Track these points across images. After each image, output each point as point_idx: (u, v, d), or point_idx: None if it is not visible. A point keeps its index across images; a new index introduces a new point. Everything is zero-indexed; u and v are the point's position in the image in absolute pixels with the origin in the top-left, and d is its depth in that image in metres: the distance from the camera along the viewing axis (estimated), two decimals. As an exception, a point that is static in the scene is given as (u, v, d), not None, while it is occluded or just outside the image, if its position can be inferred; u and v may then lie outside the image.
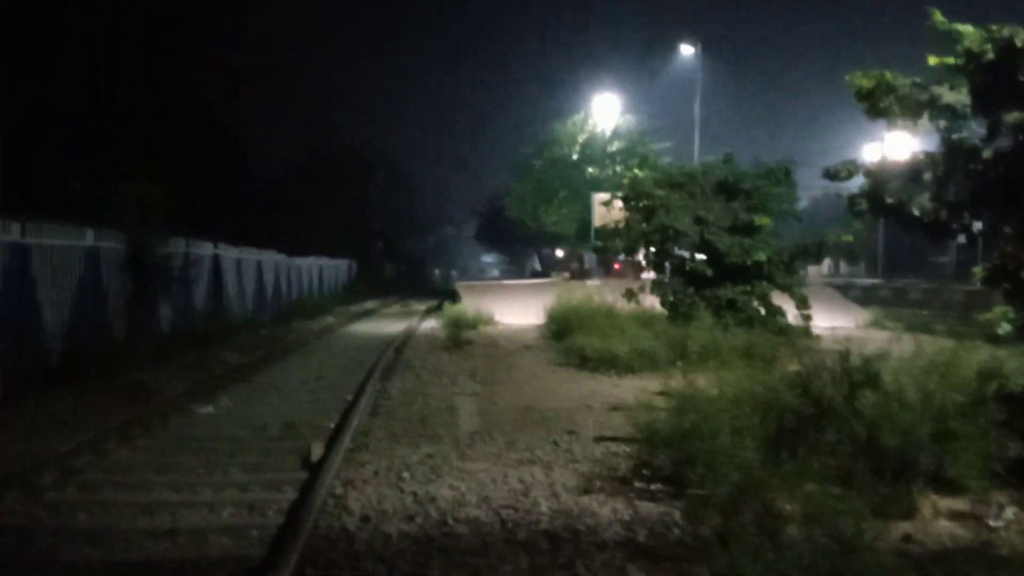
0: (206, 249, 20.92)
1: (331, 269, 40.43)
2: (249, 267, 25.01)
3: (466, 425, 9.14)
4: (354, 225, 56.25)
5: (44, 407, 10.26)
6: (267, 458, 8.03)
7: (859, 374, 7.11)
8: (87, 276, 14.23)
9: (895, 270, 59.47)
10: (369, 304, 36.68)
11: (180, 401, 10.84)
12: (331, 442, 8.21)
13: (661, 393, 10.46)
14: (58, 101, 24.99)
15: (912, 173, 7.86)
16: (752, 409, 6.46)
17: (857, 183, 8.95)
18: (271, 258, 27.97)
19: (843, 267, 69.84)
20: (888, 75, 7.69)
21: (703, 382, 7.65)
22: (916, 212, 7.73)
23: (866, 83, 7.78)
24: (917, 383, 6.82)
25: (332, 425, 9.37)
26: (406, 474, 7.02)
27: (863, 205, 8.08)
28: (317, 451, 7.80)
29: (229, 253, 22.87)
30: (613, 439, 8.11)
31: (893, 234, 53.04)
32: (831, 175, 8.44)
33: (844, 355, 7.48)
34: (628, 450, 7.52)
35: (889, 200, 7.88)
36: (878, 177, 8.08)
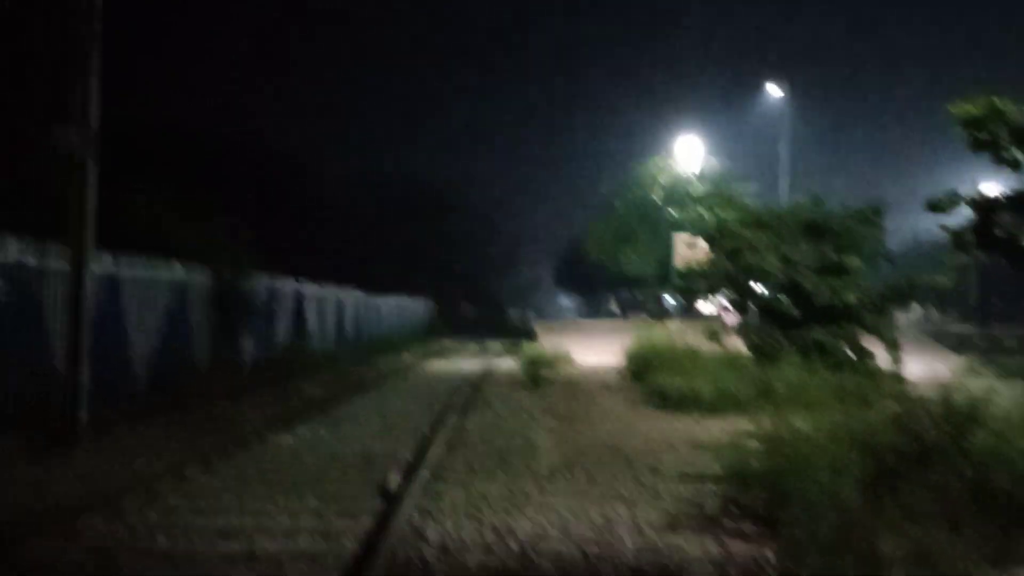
0: (289, 285, 21.23)
1: (410, 308, 40.74)
2: (330, 304, 25.32)
3: (545, 460, 8.93)
4: (433, 265, 56.78)
5: (130, 434, 10.41)
6: (344, 487, 7.93)
7: (963, 414, 6.71)
8: (174, 308, 14.51)
9: (989, 318, 57.24)
10: (447, 343, 36.78)
11: (260, 431, 10.88)
12: (409, 473, 8.09)
13: (748, 433, 10.12)
14: (152, 140, 25.79)
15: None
16: (850, 447, 6.12)
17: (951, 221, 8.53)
18: (352, 295, 28.29)
19: (933, 314, 67.67)
20: (998, 101, 7.34)
21: (794, 422, 7.32)
22: (1030, 246, 7.32)
23: (974, 110, 7.42)
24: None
25: (410, 457, 9.25)
26: (484, 506, 6.84)
27: (969, 238, 7.69)
28: (394, 481, 7.69)
29: (311, 289, 23.18)
30: (699, 477, 7.80)
31: (988, 281, 51.17)
32: (934, 207, 8.09)
33: (946, 393, 7.09)
34: (715, 489, 7.19)
35: (1000, 234, 7.48)
36: (985, 209, 7.69)
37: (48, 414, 10.34)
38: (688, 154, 37.76)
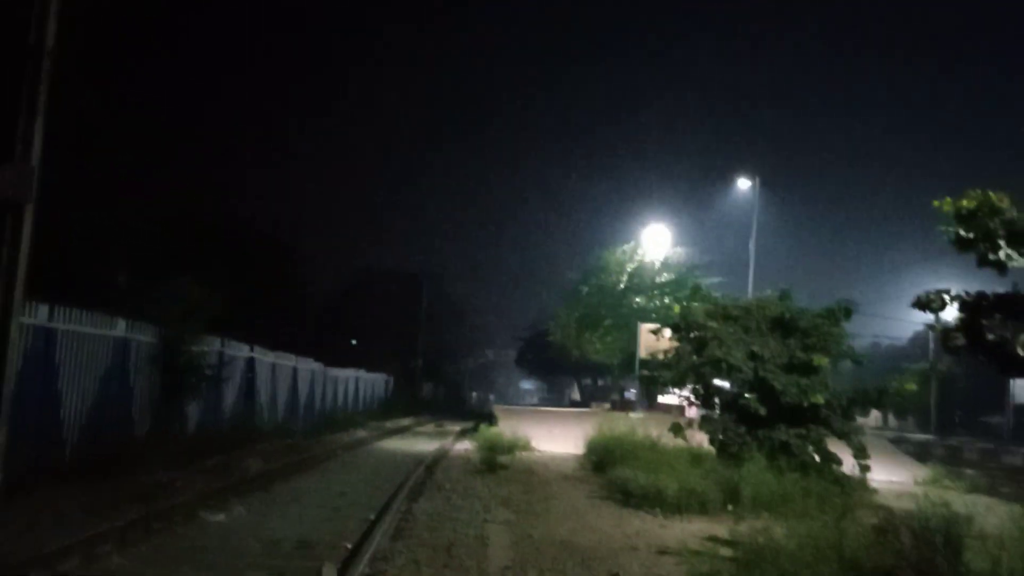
0: (241, 351, 20.42)
1: (368, 383, 39.81)
2: (284, 373, 24.46)
3: (497, 558, 8.22)
4: (395, 342, 56.02)
5: (47, 502, 9.53)
6: (274, 578, 7.18)
7: (949, 532, 6.18)
8: (114, 368, 13.71)
9: (945, 428, 57.25)
10: (404, 421, 35.85)
11: (191, 506, 10.06)
12: (345, 565, 7.36)
13: (712, 539, 9.58)
14: (113, 200, 25.14)
15: (1016, 309, 7.08)
16: (839, 567, 5.52)
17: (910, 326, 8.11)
18: (307, 366, 27.43)
19: (891, 420, 67.63)
20: (993, 196, 7.01)
21: (772, 532, 6.74)
22: (1022, 352, 6.90)
23: (967, 204, 7.09)
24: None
25: (350, 545, 8.50)
26: (426, 611, 6.14)
27: (959, 340, 7.28)
28: (329, 574, 6.95)
29: (265, 357, 22.37)
30: (664, 588, 7.15)
31: (947, 390, 51.27)
32: (922, 304, 7.70)
33: (925, 506, 6.58)
34: (682, 603, 6.56)
35: (991, 336, 7.07)
36: (974, 310, 7.30)
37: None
38: (655, 243, 37.77)
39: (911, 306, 8.15)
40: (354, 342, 47.21)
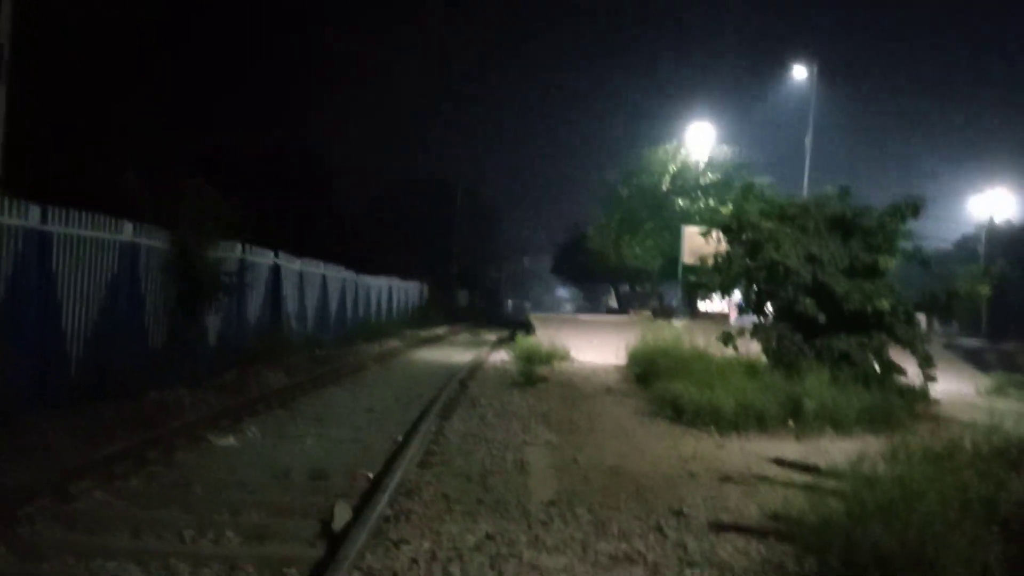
0: (265, 257, 19.36)
1: (402, 291, 38.92)
2: (312, 281, 23.47)
3: (540, 490, 7.13)
4: (430, 249, 55.08)
5: (35, 427, 8.55)
6: (278, 518, 6.12)
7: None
8: (122, 275, 12.65)
9: (997, 333, 55.52)
10: (438, 330, 35.02)
11: (197, 429, 9.07)
12: (364, 502, 6.32)
13: (777, 461, 8.61)
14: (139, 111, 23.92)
15: None
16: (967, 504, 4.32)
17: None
18: (337, 274, 26.42)
19: (936, 325, 65.68)
20: None
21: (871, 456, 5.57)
22: None
23: None
24: None
25: (371, 475, 7.45)
26: (456, 567, 5.05)
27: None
28: (342, 515, 5.90)
29: (291, 264, 21.34)
30: (738, 529, 6.00)
31: (999, 294, 49.50)
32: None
33: None
34: (764, 551, 5.42)
35: None
36: None
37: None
38: (699, 142, 35.85)
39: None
40: (388, 250, 46.21)
